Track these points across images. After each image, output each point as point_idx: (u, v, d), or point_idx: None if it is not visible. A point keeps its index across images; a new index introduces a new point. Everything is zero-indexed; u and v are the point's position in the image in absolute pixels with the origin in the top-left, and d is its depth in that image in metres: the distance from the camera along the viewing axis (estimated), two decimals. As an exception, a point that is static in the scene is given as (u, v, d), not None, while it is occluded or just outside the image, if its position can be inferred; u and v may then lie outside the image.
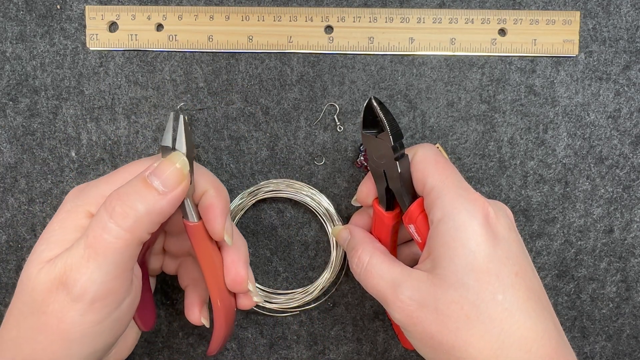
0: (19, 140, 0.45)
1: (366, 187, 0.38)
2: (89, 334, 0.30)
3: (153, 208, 0.30)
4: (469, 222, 0.31)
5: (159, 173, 0.31)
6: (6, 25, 0.45)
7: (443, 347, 0.30)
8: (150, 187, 0.30)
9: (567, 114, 0.44)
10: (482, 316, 0.30)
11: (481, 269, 0.30)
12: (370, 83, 0.44)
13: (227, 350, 0.45)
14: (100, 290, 0.29)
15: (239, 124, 0.44)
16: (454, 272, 0.30)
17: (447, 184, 0.32)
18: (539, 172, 0.44)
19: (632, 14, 0.44)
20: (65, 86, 0.45)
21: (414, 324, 0.31)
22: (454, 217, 0.31)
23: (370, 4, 0.44)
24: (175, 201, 0.31)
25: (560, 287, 0.44)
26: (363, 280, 0.35)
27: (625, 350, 0.45)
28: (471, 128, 0.44)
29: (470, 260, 0.30)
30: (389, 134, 0.33)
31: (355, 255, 0.36)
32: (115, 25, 0.44)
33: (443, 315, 0.30)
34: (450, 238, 0.31)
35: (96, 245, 0.29)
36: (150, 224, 0.30)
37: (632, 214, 0.44)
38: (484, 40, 0.44)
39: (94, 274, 0.29)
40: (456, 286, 0.30)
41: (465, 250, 0.30)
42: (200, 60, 0.44)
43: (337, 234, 0.41)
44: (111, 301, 0.30)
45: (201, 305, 0.38)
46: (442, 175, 0.33)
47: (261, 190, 0.43)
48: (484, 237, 0.31)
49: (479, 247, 0.30)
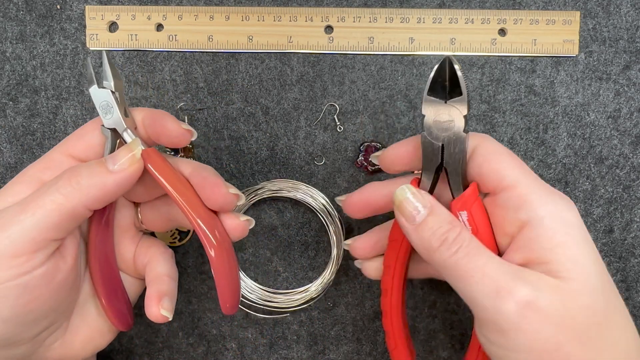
0: (19, 140, 0.45)
1: (398, 153, 0.34)
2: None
3: (97, 182, 0.31)
4: (578, 222, 0.29)
5: (115, 157, 0.32)
6: (6, 25, 0.45)
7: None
8: (101, 165, 0.32)
9: (567, 114, 0.44)
10: (611, 323, 0.28)
11: (604, 271, 0.28)
12: (370, 83, 0.44)
13: (227, 350, 0.45)
14: (10, 247, 0.29)
15: (239, 124, 0.44)
16: (584, 275, 0.28)
17: (533, 180, 0.30)
18: (539, 172, 0.44)
19: (632, 14, 0.44)
20: (65, 86, 0.45)
21: (530, 332, 0.27)
22: (562, 216, 0.29)
23: (370, 4, 0.44)
24: (122, 181, 0.31)
25: (560, 287, 0.44)
26: (455, 270, 0.29)
27: (625, 350, 0.45)
28: (471, 128, 0.44)
29: (596, 261, 0.28)
30: (467, 100, 0.30)
31: (449, 232, 0.29)
32: (115, 25, 0.44)
33: (575, 322, 0.27)
34: (571, 239, 0.28)
35: (29, 204, 0.30)
36: (89, 196, 0.31)
37: (632, 214, 0.44)
38: (484, 40, 0.44)
39: (12, 229, 0.29)
40: (587, 291, 0.27)
41: (589, 251, 0.28)
42: (200, 60, 0.44)
43: (401, 200, 0.31)
44: (19, 263, 0.30)
45: (160, 297, 0.35)
46: (524, 170, 0.30)
47: (261, 190, 0.43)
48: (589, 238, 0.29)
49: (595, 249, 0.29)
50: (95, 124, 0.34)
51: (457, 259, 0.29)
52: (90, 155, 0.34)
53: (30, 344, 0.33)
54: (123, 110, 0.33)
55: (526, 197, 0.29)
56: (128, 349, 0.45)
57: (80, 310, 0.36)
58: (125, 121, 0.33)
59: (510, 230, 0.30)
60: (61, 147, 0.34)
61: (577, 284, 0.28)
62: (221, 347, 0.45)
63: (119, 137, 0.34)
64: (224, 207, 0.33)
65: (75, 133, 0.35)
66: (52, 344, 0.34)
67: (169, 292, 0.35)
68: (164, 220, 0.37)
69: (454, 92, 0.31)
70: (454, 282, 0.29)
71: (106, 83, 0.33)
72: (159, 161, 0.33)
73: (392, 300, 0.36)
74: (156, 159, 0.33)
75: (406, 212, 0.31)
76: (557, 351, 0.27)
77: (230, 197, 0.33)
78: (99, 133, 0.34)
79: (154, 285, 0.35)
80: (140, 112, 0.35)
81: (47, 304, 0.32)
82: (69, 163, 0.33)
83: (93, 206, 0.31)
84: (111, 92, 0.33)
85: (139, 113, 0.34)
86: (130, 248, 0.38)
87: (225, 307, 0.34)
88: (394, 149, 0.35)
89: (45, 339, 0.34)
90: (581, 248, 0.29)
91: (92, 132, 0.34)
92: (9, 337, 0.31)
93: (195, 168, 0.34)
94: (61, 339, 0.35)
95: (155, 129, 0.34)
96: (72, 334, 0.35)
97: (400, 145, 0.35)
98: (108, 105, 0.33)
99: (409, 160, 0.34)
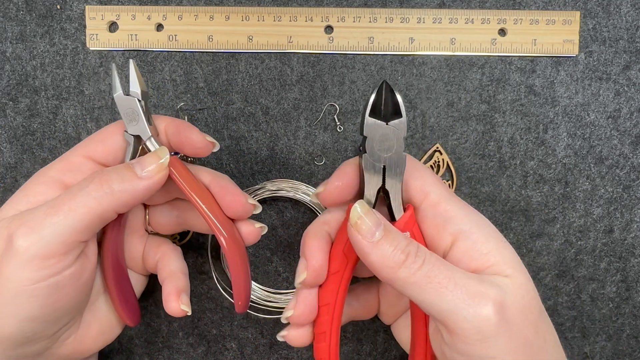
0: (19, 140, 0.45)
1: (341, 182, 0.32)
2: (24, 294, 0.30)
3: (127, 187, 0.32)
4: (494, 228, 0.32)
5: (143, 163, 0.33)
6: (6, 25, 0.45)
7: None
8: (130, 170, 0.32)
9: (567, 114, 0.44)
10: (542, 308, 0.31)
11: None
12: (370, 83, 0.44)
13: (227, 350, 0.45)
14: (45, 249, 0.30)
15: (239, 124, 0.44)
16: (521, 270, 0.30)
17: (452, 195, 0.32)
18: (539, 172, 0.44)
19: (632, 14, 0.44)
20: (65, 86, 0.45)
21: (508, 332, 0.28)
22: (483, 224, 0.31)
23: (370, 4, 0.44)
24: (150, 187, 0.33)
25: (560, 287, 0.44)
26: (425, 284, 0.28)
27: (625, 350, 0.45)
28: (471, 128, 0.44)
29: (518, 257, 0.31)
30: (406, 123, 0.31)
31: (409, 246, 0.29)
32: (115, 25, 0.44)
33: (532, 313, 0.29)
34: (499, 242, 0.31)
35: (60, 206, 0.31)
36: (119, 201, 0.32)
37: (632, 214, 0.44)
38: (484, 40, 0.44)
39: (45, 231, 0.30)
40: (529, 282, 0.30)
41: (512, 250, 0.31)
42: (200, 60, 0.44)
43: (357, 218, 0.30)
44: (51, 264, 0.30)
45: (179, 293, 0.37)
46: (444, 187, 0.32)
47: (261, 190, 0.43)
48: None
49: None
50: (117, 128, 0.35)
51: (426, 271, 0.28)
52: (109, 159, 0.35)
53: (48, 341, 0.33)
54: (147, 118, 0.34)
55: (452, 212, 0.31)
56: (128, 349, 0.45)
57: (92, 306, 0.37)
58: (150, 129, 0.34)
59: (444, 245, 0.31)
60: (81, 149, 0.35)
61: (521, 277, 0.29)
62: (221, 347, 0.45)
63: (141, 144, 0.34)
64: (242, 215, 0.35)
65: (96, 136, 0.35)
66: (66, 339, 0.35)
67: (186, 288, 0.37)
68: (172, 223, 0.39)
69: (395, 113, 0.31)
70: (424, 296, 0.28)
71: (133, 91, 0.34)
72: (182, 169, 0.34)
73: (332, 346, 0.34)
74: (179, 167, 0.34)
75: (363, 229, 0.29)
76: (524, 345, 0.28)
77: (248, 207, 0.35)
78: (121, 138, 0.35)
79: (171, 281, 0.37)
80: (163, 120, 0.35)
81: (72, 302, 0.33)
82: (88, 165, 0.34)
83: (121, 210, 0.32)
84: (137, 100, 0.34)
85: (161, 121, 0.35)
86: (139, 247, 0.39)
87: (238, 305, 0.36)
88: (334, 180, 0.32)
89: (61, 335, 0.34)
90: (508, 247, 0.31)
91: (113, 136, 0.35)
92: (31, 334, 0.32)
93: (215, 177, 0.35)
94: (74, 335, 0.36)
95: (179, 138, 0.35)
96: (84, 329, 0.36)
97: (339, 174, 0.32)
98: (134, 113, 0.34)
99: (351, 191, 0.33)
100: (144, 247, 0.39)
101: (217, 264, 0.44)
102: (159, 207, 0.39)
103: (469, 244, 0.30)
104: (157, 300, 0.45)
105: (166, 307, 0.36)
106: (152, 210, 0.39)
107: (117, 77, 0.34)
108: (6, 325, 0.31)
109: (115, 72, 0.34)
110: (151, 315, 0.45)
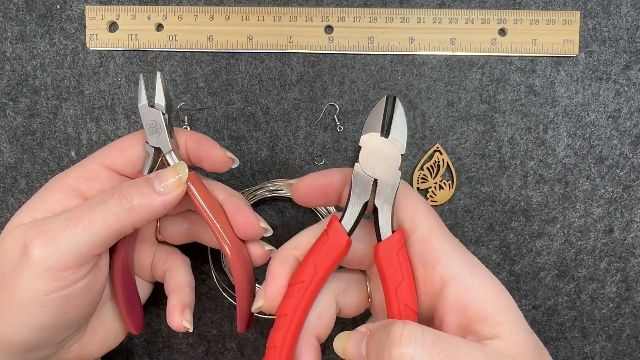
0: (19, 140, 0.45)
1: (316, 182, 0.32)
2: (36, 304, 0.30)
3: (145, 203, 0.32)
4: (490, 274, 0.30)
5: (161, 177, 0.33)
6: (6, 25, 0.45)
7: None
8: (149, 185, 0.32)
9: (567, 114, 0.44)
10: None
11: (521, 316, 0.29)
12: (370, 83, 0.44)
13: (227, 350, 0.45)
14: (61, 261, 0.30)
15: (239, 124, 0.44)
16: (519, 322, 0.28)
17: (445, 233, 0.30)
18: (539, 172, 0.44)
19: (632, 14, 0.44)
20: (65, 86, 0.45)
21: None
22: (477, 269, 0.29)
23: (370, 4, 0.44)
24: (168, 203, 0.33)
25: (560, 287, 0.44)
26: None
27: (625, 350, 0.45)
28: (471, 128, 0.44)
29: (517, 308, 0.29)
30: (405, 141, 0.29)
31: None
32: (115, 25, 0.44)
33: None
34: (497, 289, 0.29)
35: (79, 219, 0.31)
36: (137, 217, 0.32)
37: (632, 214, 0.44)
38: (484, 40, 0.44)
39: (62, 243, 0.30)
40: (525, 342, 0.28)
41: (510, 298, 0.29)
42: (200, 60, 0.44)
43: (343, 345, 0.30)
44: (66, 276, 0.30)
45: (183, 308, 0.36)
46: (436, 221, 0.30)
47: (261, 190, 0.43)
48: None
49: (510, 297, 0.30)
50: (137, 138, 0.35)
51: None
52: (128, 169, 0.35)
53: (54, 348, 0.34)
54: (169, 131, 0.34)
55: (442, 251, 0.29)
56: (128, 349, 0.45)
57: (98, 312, 0.37)
58: (171, 142, 0.34)
59: (433, 289, 0.29)
60: (99, 157, 0.35)
61: (518, 337, 0.27)
62: (221, 347, 0.45)
63: (160, 156, 0.35)
64: (252, 237, 0.35)
65: (115, 145, 0.35)
66: (72, 346, 0.35)
67: (190, 303, 0.37)
68: (183, 234, 0.39)
69: (396, 127, 0.30)
70: None
71: (158, 104, 0.34)
72: (198, 185, 0.34)
73: None
74: (197, 182, 0.34)
75: (353, 354, 0.29)
76: None
77: (259, 230, 0.35)
78: (141, 149, 0.35)
79: (176, 295, 0.37)
80: (183, 134, 0.35)
81: (82, 312, 0.33)
82: (106, 174, 0.34)
83: (138, 225, 0.32)
84: (162, 113, 0.34)
85: (182, 135, 0.35)
86: (148, 255, 0.39)
87: (240, 326, 0.36)
88: (312, 179, 0.32)
89: (67, 342, 0.35)
90: (503, 292, 0.29)
91: (134, 146, 0.35)
92: (40, 342, 0.32)
93: (229, 195, 0.35)
94: (79, 341, 0.36)
95: (199, 153, 0.35)
96: (89, 336, 0.36)
97: (320, 175, 0.32)
98: (157, 125, 0.34)
99: (326, 195, 0.33)
100: (154, 256, 0.39)
101: (217, 264, 0.44)
102: (171, 218, 0.39)
103: (461, 290, 0.28)
104: (157, 301, 0.45)
105: (169, 320, 0.36)
106: (163, 219, 0.39)
107: (143, 88, 0.34)
108: (16, 333, 0.31)
109: (142, 83, 0.34)
110: (151, 315, 0.45)
